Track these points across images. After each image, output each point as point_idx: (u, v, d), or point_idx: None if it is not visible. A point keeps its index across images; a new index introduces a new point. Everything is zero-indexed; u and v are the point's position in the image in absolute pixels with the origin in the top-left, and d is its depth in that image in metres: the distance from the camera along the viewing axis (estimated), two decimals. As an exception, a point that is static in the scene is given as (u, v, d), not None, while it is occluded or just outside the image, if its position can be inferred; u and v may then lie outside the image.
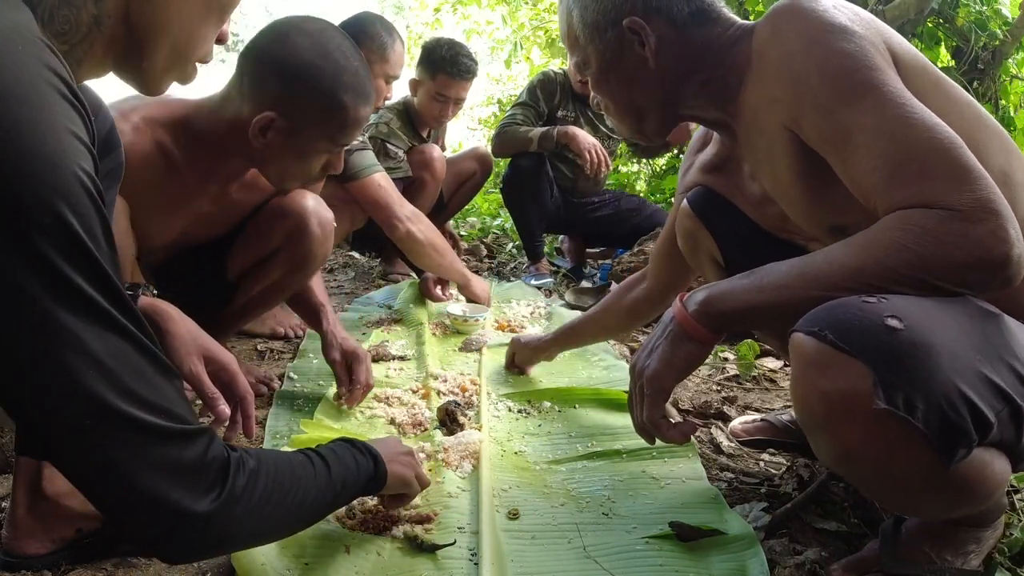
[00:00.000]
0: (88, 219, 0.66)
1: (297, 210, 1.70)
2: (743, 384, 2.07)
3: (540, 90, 3.23)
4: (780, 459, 1.57)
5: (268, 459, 0.86)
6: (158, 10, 0.80)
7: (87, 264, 0.67)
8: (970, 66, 4.03)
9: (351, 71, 1.47)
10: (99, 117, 1.05)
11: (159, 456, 0.71)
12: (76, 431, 0.68)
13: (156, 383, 0.72)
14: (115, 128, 1.10)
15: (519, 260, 3.89)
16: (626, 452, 1.52)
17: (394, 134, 2.98)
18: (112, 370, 0.68)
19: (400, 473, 1.13)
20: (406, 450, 1.21)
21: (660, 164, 5.68)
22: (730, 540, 1.16)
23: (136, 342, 0.71)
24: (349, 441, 1.07)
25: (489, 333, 2.37)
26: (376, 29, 2.50)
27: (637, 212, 3.47)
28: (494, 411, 1.74)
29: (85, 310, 0.67)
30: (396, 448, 1.18)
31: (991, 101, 4.09)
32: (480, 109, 7.18)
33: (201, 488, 0.74)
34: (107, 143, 1.08)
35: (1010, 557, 1.17)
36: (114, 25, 0.79)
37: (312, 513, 0.95)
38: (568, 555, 1.15)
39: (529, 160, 3.19)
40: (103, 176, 1.02)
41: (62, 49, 0.75)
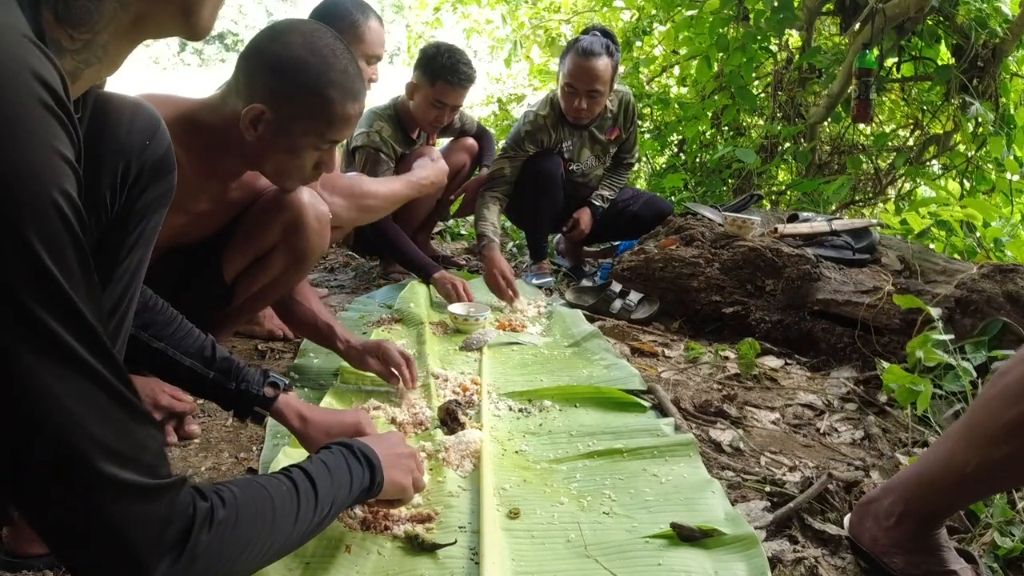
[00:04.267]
0: (59, 248, 0.61)
1: (294, 205, 1.71)
2: (744, 383, 2.07)
3: (528, 141, 3.19)
4: (782, 459, 1.57)
5: (245, 501, 0.81)
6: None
7: (54, 299, 0.61)
8: (970, 64, 4.03)
9: (339, 68, 1.49)
10: (155, 138, 1.06)
11: (118, 511, 0.67)
12: (34, 477, 0.64)
13: (125, 429, 0.67)
14: (171, 151, 1.09)
15: (520, 259, 3.88)
16: (627, 451, 1.52)
17: (386, 143, 2.98)
18: (75, 415, 0.63)
19: (397, 480, 1.12)
20: (407, 451, 1.19)
21: (660, 162, 5.68)
22: (731, 540, 1.16)
23: (105, 385, 0.65)
24: (347, 445, 1.06)
25: (490, 332, 2.37)
26: (345, 10, 2.42)
27: (635, 200, 3.46)
28: (495, 410, 1.74)
29: (49, 349, 0.62)
30: (397, 449, 1.16)
31: (991, 99, 4.08)
32: (480, 109, 7.16)
33: (160, 548, 0.70)
34: (160, 166, 1.07)
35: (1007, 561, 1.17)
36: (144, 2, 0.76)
37: (294, 543, 0.92)
38: (568, 554, 1.15)
39: (548, 162, 3.18)
40: (150, 201, 1.07)
41: (83, 39, 0.73)
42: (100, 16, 0.73)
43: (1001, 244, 3.34)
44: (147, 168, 1.05)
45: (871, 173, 5.12)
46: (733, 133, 5.31)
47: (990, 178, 4.41)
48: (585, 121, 3.16)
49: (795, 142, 4.95)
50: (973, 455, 0.99)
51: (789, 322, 2.43)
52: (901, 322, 2.12)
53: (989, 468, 0.98)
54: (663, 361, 2.28)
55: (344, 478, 1.00)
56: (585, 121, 3.16)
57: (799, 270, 2.46)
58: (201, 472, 1.40)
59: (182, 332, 1.35)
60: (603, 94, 3.04)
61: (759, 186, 4.93)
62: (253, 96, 1.46)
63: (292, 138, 1.51)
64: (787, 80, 5.02)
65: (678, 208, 3.73)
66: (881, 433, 1.73)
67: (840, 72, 4.40)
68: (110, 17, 0.74)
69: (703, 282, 2.64)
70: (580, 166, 3.32)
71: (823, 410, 1.89)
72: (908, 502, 1.09)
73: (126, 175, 1.02)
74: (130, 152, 1.02)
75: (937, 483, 1.05)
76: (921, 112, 4.90)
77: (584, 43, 3.00)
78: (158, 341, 1.31)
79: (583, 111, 3.06)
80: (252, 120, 1.47)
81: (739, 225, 2.78)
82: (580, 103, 3.03)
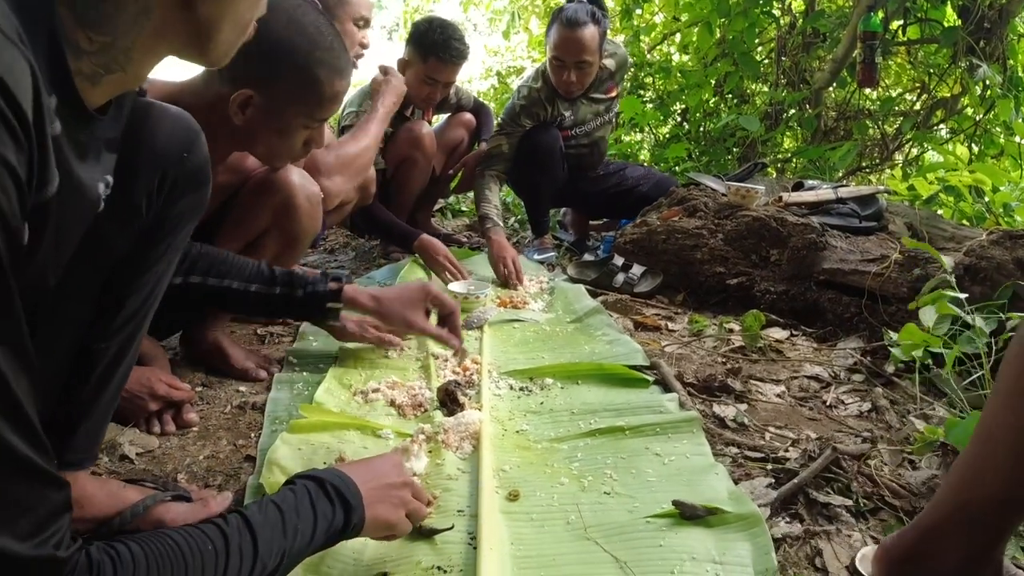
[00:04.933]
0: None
1: (284, 187, 1.69)
2: (749, 356, 2.04)
3: (524, 116, 3.14)
4: (786, 433, 1.54)
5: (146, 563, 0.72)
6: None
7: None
8: (976, 25, 3.95)
9: (325, 46, 1.47)
10: (193, 150, 1.08)
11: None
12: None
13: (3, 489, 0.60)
14: (208, 163, 1.11)
15: (522, 234, 3.85)
16: (629, 429, 1.50)
17: None
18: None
19: (382, 517, 0.99)
20: (399, 480, 1.04)
21: (663, 132, 5.61)
22: (734, 518, 1.14)
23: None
24: (318, 480, 0.93)
25: (491, 310, 2.34)
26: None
27: (644, 180, 3.42)
28: (495, 389, 1.72)
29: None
30: (385, 479, 1.02)
31: (998, 61, 4.00)
32: (478, 82, 7.09)
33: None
34: (196, 177, 1.09)
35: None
36: (166, 11, 0.76)
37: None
38: (568, 537, 1.13)
39: (546, 135, 3.13)
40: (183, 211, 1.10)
41: (102, 41, 0.73)
42: (120, 21, 0.73)
43: (1010, 209, 3.28)
44: (182, 178, 1.07)
45: (877, 139, 5.05)
46: (737, 101, 5.23)
47: (999, 142, 4.34)
48: (576, 94, 3.10)
49: (800, 108, 4.88)
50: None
51: (795, 293, 2.40)
52: (909, 291, 2.08)
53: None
54: (667, 335, 2.25)
55: (304, 524, 0.88)
56: (576, 94, 3.10)
57: (804, 239, 2.42)
58: (200, 460, 1.39)
59: (236, 264, 1.47)
60: (592, 64, 2.98)
61: (763, 154, 4.87)
62: (238, 80, 1.43)
63: (282, 119, 1.50)
64: (791, 45, 4.94)
65: (681, 178, 3.69)
66: (889, 405, 1.70)
67: (845, 36, 4.32)
68: (131, 23, 0.74)
69: (707, 254, 2.60)
70: (584, 128, 3.27)
71: (829, 382, 1.87)
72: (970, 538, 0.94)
73: (162, 184, 1.04)
74: (167, 162, 1.04)
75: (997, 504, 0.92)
76: (928, 75, 4.81)
77: (568, 12, 2.93)
78: (222, 280, 1.44)
79: (573, 84, 3.00)
80: (240, 105, 1.45)
81: (743, 195, 2.74)
82: (569, 76, 2.98)
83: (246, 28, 0.87)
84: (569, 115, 3.19)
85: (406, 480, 1.06)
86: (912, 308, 1.74)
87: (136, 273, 1.06)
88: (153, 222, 1.06)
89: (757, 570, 1.04)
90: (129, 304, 1.07)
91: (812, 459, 1.34)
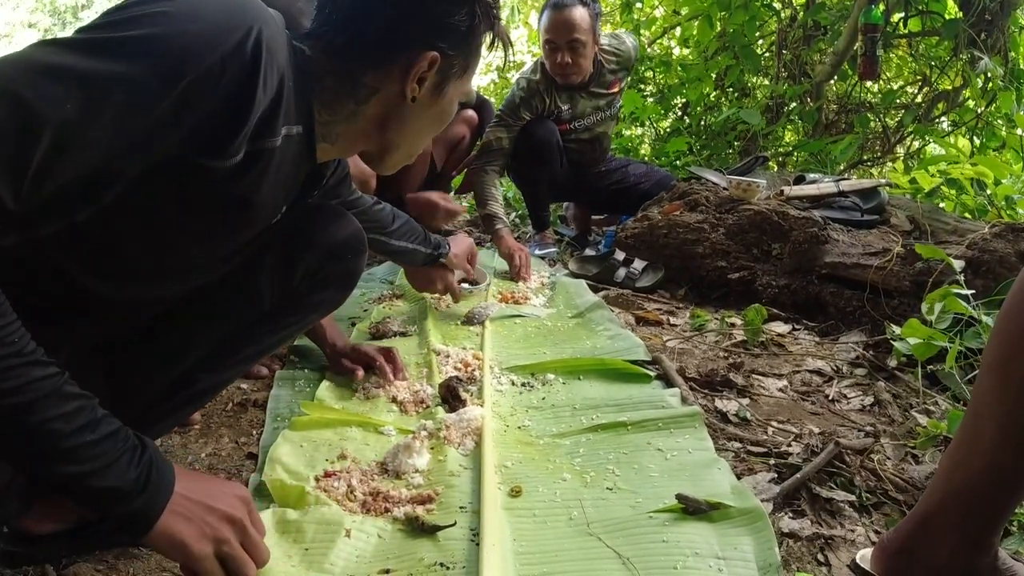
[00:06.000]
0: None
1: None
2: (750, 350, 2.04)
3: (524, 108, 3.12)
4: (789, 427, 1.54)
5: None
6: (403, 125, 1.07)
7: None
8: (978, 17, 3.93)
9: None
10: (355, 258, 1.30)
11: None
12: None
13: None
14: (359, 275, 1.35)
15: (523, 230, 3.85)
16: (631, 424, 1.49)
17: None
18: None
19: (177, 535, 0.83)
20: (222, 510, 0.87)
21: (664, 126, 5.60)
22: (737, 514, 1.14)
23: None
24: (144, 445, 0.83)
25: (492, 305, 2.34)
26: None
27: (646, 178, 3.41)
28: (497, 385, 1.72)
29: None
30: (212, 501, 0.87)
31: (1000, 53, 3.99)
32: (478, 78, 7.07)
33: None
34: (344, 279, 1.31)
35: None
36: (367, 124, 1.05)
37: None
38: (571, 532, 1.13)
39: (542, 129, 3.12)
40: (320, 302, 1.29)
41: (326, 119, 1.02)
42: (340, 108, 1.02)
43: (1013, 202, 3.27)
44: (336, 275, 1.28)
45: (879, 132, 5.03)
46: (737, 94, 5.22)
47: (1000, 134, 4.33)
48: (574, 79, 3.08)
49: (801, 102, 4.86)
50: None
51: (796, 287, 2.39)
52: (911, 284, 2.08)
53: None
54: (668, 329, 2.25)
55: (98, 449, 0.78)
56: (574, 79, 3.08)
57: (806, 233, 2.41)
58: (201, 458, 1.38)
59: (405, 226, 1.79)
60: (585, 44, 2.97)
61: (765, 148, 4.86)
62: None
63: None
64: (792, 38, 4.92)
65: (682, 173, 3.68)
66: (891, 399, 1.70)
67: (846, 29, 4.31)
68: (344, 113, 1.03)
69: (708, 248, 2.60)
70: (583, 122, 3.25)
71: (832, 376, 1.86)
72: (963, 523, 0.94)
73: (319, 271, 1.24)
74: (333, 256, 1.25)
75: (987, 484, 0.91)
76: (929, 68, 4.80)
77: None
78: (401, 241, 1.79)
79: (568, 66, 2.99)
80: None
81: (744, 188, 2.73)
82: (563, 57, 2.97)
83: (413, 155, 1.15)
84: (567, 108, 3.18)
85: (232, 516, 0.88)
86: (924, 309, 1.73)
87: (264, 330, 1.21)
88: (298, 297, 1.23)
89: (760, 565, 1.04)
90: (242, 353, 1.21)
91: (815, 454, 1.34)
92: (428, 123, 1.11)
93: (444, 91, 1.07)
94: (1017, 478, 0.90)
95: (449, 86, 1.07)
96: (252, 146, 0.87)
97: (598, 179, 3.42)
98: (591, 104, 3.22)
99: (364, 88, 1.01)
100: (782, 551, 1.09)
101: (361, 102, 1.02)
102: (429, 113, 1.09)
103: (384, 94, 1.03)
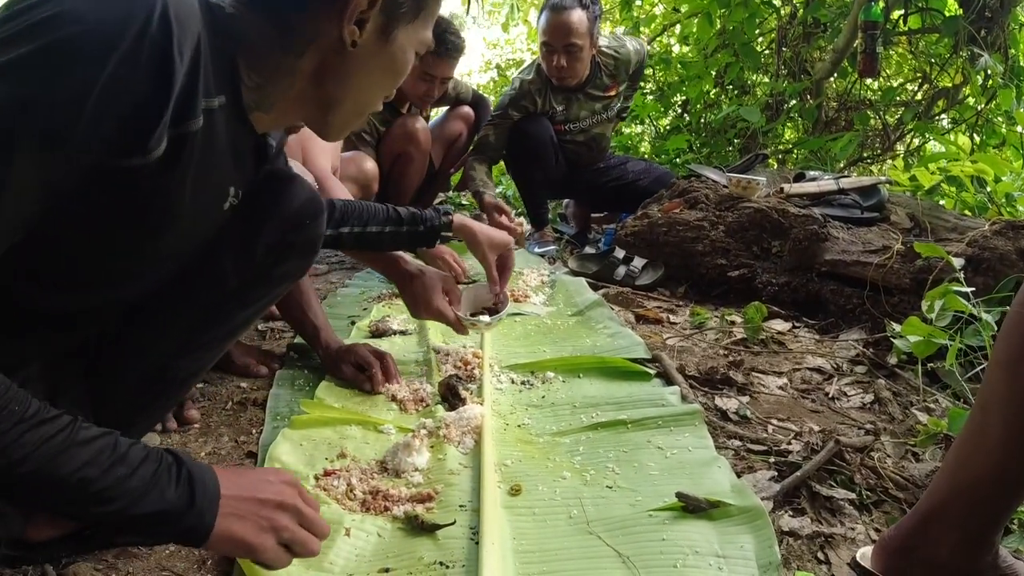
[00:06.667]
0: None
1: None
2: (751, 348, 2.04)
3: (512, 107, 3.14)
4: (789, 425, 1.54)
5: None
6: (346, 79, 0.94)
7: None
8: (978, 14, 3.92)
9: None
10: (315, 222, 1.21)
11: None
12: None
13: None
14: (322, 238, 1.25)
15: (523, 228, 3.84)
16: (631, 422, 1.49)
17: (368, 121, 2.93)
18: None
19: (237, 535, 0.84)
20: (274, 500, 0.88)
21: (664, 124, 5.60)
22: (737, 512, 1.14)
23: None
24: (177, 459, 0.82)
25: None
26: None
27: (645, 175, 3.40)
28: (497, 383, 1.71)
29: None
30: (259, 493, 0.87)
31: (1000, 50, 3.98)
32: (478, 75, 7.07)
33: None
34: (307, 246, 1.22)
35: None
36: (305, 83, 0.92)
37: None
38: (570, 531, 1.13)
39: (535, 126, 3.12)
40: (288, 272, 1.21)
41: (255, 81, 0.89)
42: (271, 67, 0.89)
43: (1013, 199, 3.27)
44: (299, 243, 1.19)
45: (879, 129, 5.03)
46: (737, 92, 5.21)
47: (1000, 131, 4.33)
48: (569, 83, 3.09)
49: (801, 99, 4.86)
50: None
51: (796, 284, 2.39)
52: (911, 282, 2.07)
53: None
54: (668, 327, 2.24)
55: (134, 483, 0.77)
56: (569, 83, 3.09)
57: (806, 230, 2.41)
58: (201, 457, 1.38)
59: (369, 210, 1.62)
60: (581, 48, 2.97)
61: (765, 145, 4.86)
62: None
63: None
64: (791, 35, 4.92)
65: (682, 171, 3.68)
66: (891, 396, 1.69)
67: (845, 26, 4.30)
68: (277, 73, 0.90)
69: (708, 245, 2.60)
70: (578, 124, 3.26)
71: (832, 374, 1.86)
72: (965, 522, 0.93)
73: (281, 242, 1.16)
74: (293, 225, 1.17)
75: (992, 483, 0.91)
76: (929, 65, 4.79)
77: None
78: (366, 227, 1.60)
79: (564, 69, 2.99)
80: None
81: (744, 186, 2.73)
82: (559, 60, 2.97)
83: (362, 114, 1.02)
84: (562, 109, 3.18)
85: (284, 502, 0.88)
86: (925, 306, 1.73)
87: (232, 308, 1.15)
88: (263, 271, 1.16)
89: (760, 563, 1.04)
90: (215, 334, 1.15)
91: (815, 452, 1.34)
92: (377, 75, 0.97)
93: (392, 36, 0.95)
94: (1022, 478, 0.90)
95: (398, 31, 0.95)
96: (174, 131, 0.77)
97: (596, 176, 3.42)
98: (586, 107, 3.23)
99: (296, 37, 0.89)
100: (782, 549, 1.09)
101: (294, 55, 0.90)
102: (377, 63, 0.96)
103: (320, 43, 0.90)
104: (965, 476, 0.93)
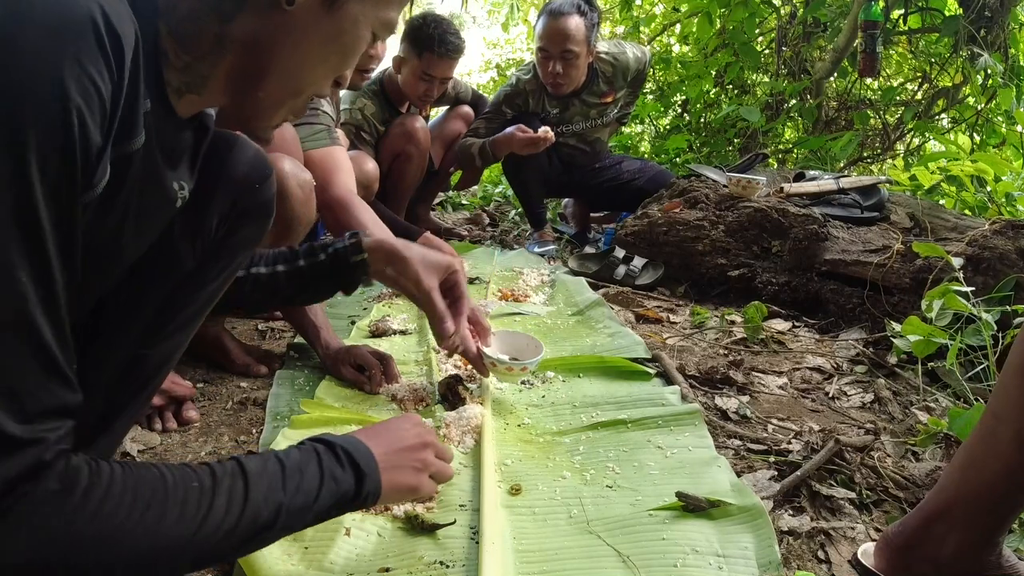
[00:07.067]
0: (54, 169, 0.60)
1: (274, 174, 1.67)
2: (750, 347, 2.04)
3: (506, 105, 3.15)
4: (789, 425, 1.54)
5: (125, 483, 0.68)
6: (280, 45, 0.82)
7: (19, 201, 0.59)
8: (978, 14, 3.93)
9: None
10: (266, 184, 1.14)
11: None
12: None
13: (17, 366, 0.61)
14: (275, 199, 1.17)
15: (522, 227, 3.84)
16: (631, 422, 1.49)
17: (367, 121, 2.93)
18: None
19: (400, 483, 0.96)
20: (417, 442, 1.01)
21: (664, 123, 5.60)
22: (737, 511, 1.14)
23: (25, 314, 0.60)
24: (329, 444, 0.89)
25: (492, 303, 2.34)
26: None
27: (640, 174, 3.40)
28: (497, 383, 1.71)
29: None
30: (403, 442, 0.99)
31: (1000, 50, 3.98)
32: (478, 75, 7.07)
33: None
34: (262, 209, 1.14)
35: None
36: (238, 51, 0.81)
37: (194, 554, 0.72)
38: (570, 530, 1.13)
39: (527, 123, 3.12)
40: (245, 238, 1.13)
41: (185, 60, 0.79)
42: (199, 45, 0.79)
43: (1013, 199, 3.27)
44: (252, 208, 1.13)
45: (879, 128, 5.03)
46: (737, 91, 5.22)
47: (1000, 131, 4.33)
48: (563, 90, 3.09)
49: (801, 99, 4.86)
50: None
51: (796, 284, 2.39)
52: (911, 281, 2.07)
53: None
54: (668, 327, 2.24)
55: (308, 482, 0.83)
56: (563, 90, 3.09)
57: (806, 230, 2.41)
58: (202, 457, 1.38)
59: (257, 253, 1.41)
60: (578, 55, 2.97)
61: (764, 145, 4.86)
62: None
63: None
64: (791, 35, 4.92)
65: (682, 171, 3.68)
66: (891, 396, 1.69)
67: (845, 25, 4.30)
68: (207, 51, 0.80)
69: (708, 245, 2.60)
70: (571, 128, 3.26)
71: (832, 373, 1.86)
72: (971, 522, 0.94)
73: (233, 210, 1.10)
74: (241, 190, 1.10)
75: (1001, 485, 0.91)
76: (929, 65, 4.79)
77: (554, 3, 2.95)
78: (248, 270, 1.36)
79: (559, 76, 2.99)
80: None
81: (744, 186, 2.73)
82: (555, 67, 2.97)
83: (299, 93, 0.88)
84: (556, 113, 3.19)
85: (425, 440, 1.02)
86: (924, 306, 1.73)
87: (193, 288, 1.09)
88: (218, 244, 1.10)
89: (760, 563, 1.04)
90: (179, 317, 1.09)
91: (815, 451, 1.34)
92: (318, 46, 0.84)
93: (340, 4, 0.83)
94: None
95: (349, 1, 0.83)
96: (117, 153, 0.70)
97: (592, 176, 3.42)
98: (581, 112, 3.23)
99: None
100: (782, 548, 1.09)
101: (225, 19, 0.78)
102: (318, 30, 0.83)
103: (254, 3, 0.79)
104: (974, 477, 0.93)
